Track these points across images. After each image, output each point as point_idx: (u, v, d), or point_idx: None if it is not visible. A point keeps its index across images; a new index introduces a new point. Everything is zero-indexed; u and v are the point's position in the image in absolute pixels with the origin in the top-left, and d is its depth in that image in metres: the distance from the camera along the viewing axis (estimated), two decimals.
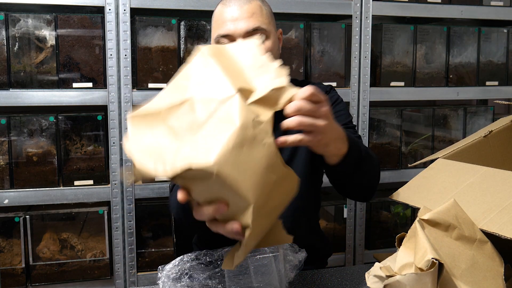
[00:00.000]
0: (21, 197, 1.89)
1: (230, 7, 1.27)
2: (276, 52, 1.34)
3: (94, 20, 1.91)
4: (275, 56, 1.33)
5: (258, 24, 1.26)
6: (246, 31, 1.25)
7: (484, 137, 1.24)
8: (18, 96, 1.85)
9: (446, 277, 0.81)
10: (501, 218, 0.87)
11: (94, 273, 2.03)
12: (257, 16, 1.26)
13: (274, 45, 1.31)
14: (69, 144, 1.96)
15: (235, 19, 1.25)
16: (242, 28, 1.25)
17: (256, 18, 1.26)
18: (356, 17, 2.16)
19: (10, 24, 1.84)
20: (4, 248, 1.95)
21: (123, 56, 1.91)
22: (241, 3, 1.27)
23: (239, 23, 1.25)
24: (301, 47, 2.14)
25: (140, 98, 1.96)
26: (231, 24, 1.25)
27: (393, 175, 2.32)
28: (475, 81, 2.41)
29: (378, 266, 0.83)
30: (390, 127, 2.34)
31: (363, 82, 2.20)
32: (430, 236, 0.84)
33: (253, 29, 1.25)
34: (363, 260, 2.31)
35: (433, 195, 1.02)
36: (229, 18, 1.26)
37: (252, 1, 1.28)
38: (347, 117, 1.39)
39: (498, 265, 0.87)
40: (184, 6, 1.95)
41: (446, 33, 2.34)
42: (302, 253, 1.06)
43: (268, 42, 1.29)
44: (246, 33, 1.25)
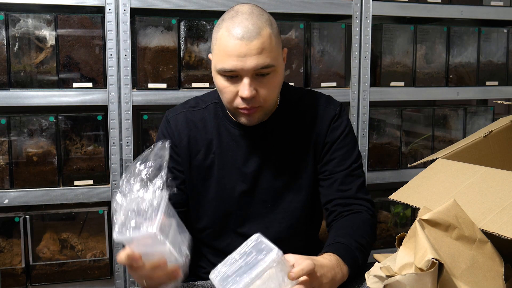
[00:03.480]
0: (21, 197, 1.89)
1: (237, 41, 1.14)
2: (282, 80, 1.27)
3: (94, 20, 1.91)
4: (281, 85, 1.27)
5: (268, 61, 1.16)
6: (255, 70, 1.16)
7: (484, 137, 1.24)
8: (18, 96, 1.85)
9: (446, 277, 0.81)
10: (501, 218, 0.87)
11: (94, 273, 2.03)
12: (266, 51, 1.16)
13: (280, 76, 1.23)
14: (69, 144, 1.96)
15: (243, 55, 1.14)
16: (250, 66, 1.15)
17: (266, 54, 1.16)
18: (356, 17, 2.16)
19: (10, 24, 1.84)
20: (4, 248, 1.95)
21: (123, 56, 1.91)
22: (250, 36, 1.14)
23: (247, 60, 1.14)
24: (301, 47, 2.14)
25: (140, 98, 1.96)
26: (238, 61, 1.15)
27: (393, 175, 2.32)
28: (475, 81, 2.41)
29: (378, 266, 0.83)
30: (390, 127, 2.34)
31: (363, 82, 2.20)
32: (430, 236, 0.84)
33: (261, 67, 1.16)
34: None
35: (433, 195, 1.02)
36: (236, 53, 1.15)
37: (262, 31, 1.16)
38: (353, 152, 1.35)
39: (498, 265, 0.87)
40: (184, 6, 1.95)
41: (446, 33, 2.34)
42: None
43: (274, 77, 1.20)
44: (255, 70, 1.16)
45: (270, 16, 1.23)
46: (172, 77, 2.00)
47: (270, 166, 1.34)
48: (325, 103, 1.38)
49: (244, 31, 1.15)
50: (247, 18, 1.17)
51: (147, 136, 2.06)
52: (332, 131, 1.34)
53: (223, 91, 1.22)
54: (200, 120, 1.36)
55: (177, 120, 1.36)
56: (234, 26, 1.16)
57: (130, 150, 1.96)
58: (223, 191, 1.35)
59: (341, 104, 1.39)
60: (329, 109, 1.36)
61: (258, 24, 1.16)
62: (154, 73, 1.98)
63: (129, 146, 1.96)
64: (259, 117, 1.25)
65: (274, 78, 1.20)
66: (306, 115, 1.36)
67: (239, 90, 1.18)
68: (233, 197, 1.35)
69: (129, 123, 1.95)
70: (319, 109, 1.36)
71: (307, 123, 1.35)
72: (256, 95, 1.19)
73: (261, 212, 1.36)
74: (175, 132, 1.35)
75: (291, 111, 1.36)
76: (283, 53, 1.27)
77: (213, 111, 1.36)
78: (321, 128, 1.34)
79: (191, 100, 1.42)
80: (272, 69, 1.18)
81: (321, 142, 1.34)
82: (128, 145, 1.96)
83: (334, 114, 1.36)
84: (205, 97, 1.41)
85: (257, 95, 1.19)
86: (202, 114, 1.36)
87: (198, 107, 1.38)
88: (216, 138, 1.34)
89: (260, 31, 1.16)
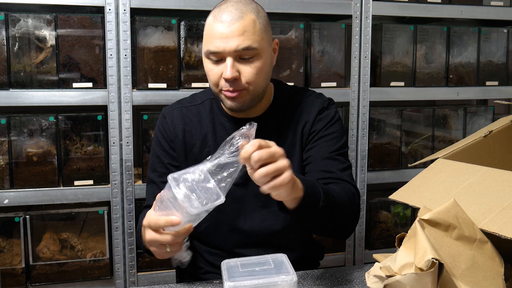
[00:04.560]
0: (21, 197, 1.89)
1: (220, 23, 1.21)
2: (269, 68, 1.29)
3: (94, 20, 1.91)
4: (269, 71, 1.30)
5: (249, 43, 1.21)
6: (236, 50, 1.20)
7: (484, 137, 1.24)
8: (18, 96, 1.85)
9: (446, 277, 0.81)
10: (501, 218, 0.87)
11: (94, 273, 2.03)
12: (248, 34, 1.20)
13: (265, 62, 1.26)
14: (69, 144, 1.96)
15: (225, 37, 1.20)
16: (231, 47, 1.20)
17: (248, 36, 1.20)
18: (356, 17, 2.16)
19: (10, 24, 1.84)
20: (4, 248, 1.95)
21: (123, 56, 1.91)
22: (232, 18, 1.21)
23: (228, 41, 1.20)
24: (301, 47, 2.14)
25: (140, 98, 1.96)
26: (221, 42, 1.20)
27: (393, 175, 2.32)
28: (475, 81, 2.41)
29: (378, 266, 0.83)
30: (390, 127, 2.34)
31: (363, 82, 2.20)
32: (430, 236, 0.84)
33: (243, 48, 1.20)
34: (363, 260, 2.31)
35: (433, 195, 1.02)
36: (218, 35, 1.21)
37: (246, 16, 1.22)
38: (339, 141, 1.36)
39: (498, 265, 0.87)
40: (184, 6, 1.95)
41: (446, 33, 2.34)
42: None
43: (258, 62, 1.24)
44: (236, 51, 1.21)
45: (259, 7, 1.28)
46: (172, 77, 2.00)
47: None
48: (314, 97, 1.41)
49: (227, 14, 1.22)
50: (233, 5, 1.24)
51: (147, 136, 2.06)
52: (318, 121, 1.37)
53: (209, 74, 1.27)
54: (195, 115, 1.40)
55: (172, 115, 1.41)
56: (220, 11, 1.23)
57: (130, 150, 1.96)
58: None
59: (330, 99, 1.43)
60: (317, 102, 1.40)
61: (243, 9, 1.23)
62: (154, 73, 1.98)
63: (129, 146, 1.96)
64: (244, 101, 1.27)
65: (257, 62, 1.24)
66: (296, 110, 1.39)
67: (223, 72, 1.23)
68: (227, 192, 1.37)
69: (129, 123, 1.95)
70: (308, 103, 1.40)
71: (297, 117, 1.38)
72: (239, 77, 1.23)
73: (256, 206, 1.38)
74: (170, 127, 1.39)
75: (283, 107, 1.40)
76: (273, 44, 1.31)
77: (208, 106, 1.41)
78: (307, 119, 1.37)
79: (187, 97, 1.47)
80: (254, 52, 1.22)
81: (307, 132, 1.37)
82: (128, 145, 1.96)
83: (321, 107, 1.39)
84: (201, 94, 1.47)
85: (240, 78, 1.23)
86: (197, 110, 1.41)
87: (194, 103, 1.42)
88: (211, 132, 1.38)
89: (243, 15, 1.21)
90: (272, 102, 1.39)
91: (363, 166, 2.25)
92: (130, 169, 1.97)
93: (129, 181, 1.97)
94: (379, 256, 1.05)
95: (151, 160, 1.44)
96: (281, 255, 1.06)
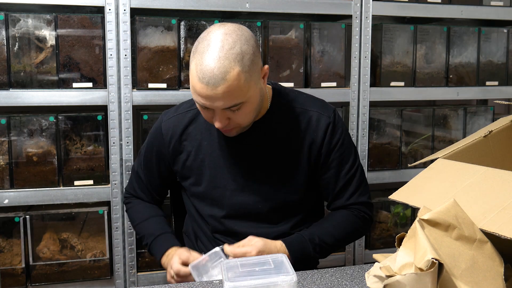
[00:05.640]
0: (21, 197, 1.89)
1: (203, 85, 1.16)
2: (258, 100, 1.28)
3: (94, 20, 1.91)
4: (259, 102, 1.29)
5: (235, 102, 1.19)
6: (222, 108, 1.21)
7: (484, 137, 1.24)
8: (18, 96, 1.85)
9: (446, 277, 0.81)
10: (501, 218, 0.87)
11: (94, 273, 2.03)
12: (234, 93, 1.17)
13: (254, 102, 1.25)
14: (69, 144, 1.96)
15: (209, 98, 1.18)
16: (217, 106, 1.20)
17: (233, 96, 1.17)
18: (356, 17, 2.16)
19: (10, 24, 1.84)
20: (4, 248, 1.95)
21: (123, 56, 1.91)
22: (215, 81, 1.15)
23: (214, 101, 1.18)
24: (301, 47, 2.14)
25: (140, 98, 1.96)
26: (206, 101, 1.19)
27: (393, 175, 2.32)
28: (475, 81, 2.41)
29: (378, 266, 0.83)
30: (390, 127, 2.34)
31: (363, 82, 2.20)
32: (430, 236, 0.84)
33: (229, 107, 1.20)
34: (363, 260, 2.31)
35: (433, 195, 1.02)
36: (203, 95, 1.18)
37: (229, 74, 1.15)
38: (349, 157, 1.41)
39: (498, 265, 0.87)
40: (184, 6, 1.95)
41: (446, 33, 2.34)
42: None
43: (247, 107, 1.23)
44: (222, 109, 1.21)
45: (244, 45, 1.19)
46: (172, 77, 2.00)
47: (261, 166, 1.37)
48: (319, 108, 1.40)
49: (209, 76, 1.16)
50: (215, 58, 1.16)
51: (147, 136, 2.06)
52: (328, 142, 1.38)
53: (201, 112, 1.29)
54: (191, 122, 1.42)
55: (168, 124, 1.44)
56: (202, 67, 1.16)
57: (130, 150, 1.96)
58: (215, 189, 1.38)
59: (334, 109, 1.42)
60: (323, 117, 1.38)
61: (225, 66, 1.15)
62: (154, 73, 1.98)
63: (129, 146, 1.96)
64: (237, 132, 1.32)
65: (245, 108, 1.23)
66: (299, 118, 1.38)
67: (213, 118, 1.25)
68: (224, 196, 1.37)
69: (129, 123, 1.95)
70: (313, 115, 1.39)
71: (300, 127, 1.38)
72: (230, 121, 1.25)
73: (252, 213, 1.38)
74: (165, 137, 1.43)
75: (282, 113, 1.39)
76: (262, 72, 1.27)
77: None
78: (315, 136, 1.37)
79: (185, 103, 1.48)
80: (240, 105, 1.21)
81: (315, 150, 1.38)
82: (128, 145, 1.96)
83: (328, 122, 1.38)
84: None
85: (231, 121, 1.25)
86: (194, 115, 1.42)
87: (192, 108, 1.43)
88: (207, 138, 1.39)
89: (225, 76, 1.15)
90: (270, 107, 1.39)
91: (363, 166, 2.24)
92: (130, 169, 1.97)
93: None
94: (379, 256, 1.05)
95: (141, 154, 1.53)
96: (281, 255, 1.06)
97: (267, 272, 0.98)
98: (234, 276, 0.97)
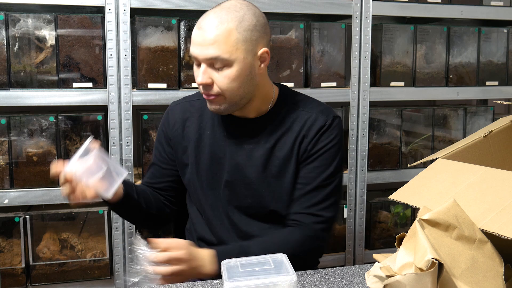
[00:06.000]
0: (21, 197, 1.89)
1: (198, 30, 1.26)
2: (246, 77, 1.28)
3: (94, 20, 1.91)
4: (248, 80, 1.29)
5: (218, 53, 1.23)
6: (206, 59, 1.25)
7: (484, 137, 1.24)
8: (18, 96, 1.85)
9: (446, 277, 0.81)
10: (501, 218, 0.87)
11: (94, 273, 2.03)
12: (219, 44, 1.23)
13: (241, 72, 1.26)
14: (69, 144, 1.96)
15: (199, 44, 1.25)
16: (203, 55, 1.25)
17: (218, 47, 1.23)
18: (356, 17, 2.16)
19: (10, 24, 1.84)
20: (4, 248, 1.95)
21: (123, 56, 1.91)
22: (208, 27, 1.24)
23: (202, 49, 1.25)
24: (301, 47, 2.14)
25: (140, 98, 1.96)
26: (195, 48, 1.26)
27: (393, 175, 2.32)
28: (475, 81, 2.41)
29: (378, 266, 0.83)
30: (390, 127, 2.34)
31: (363, 82, 2.20)
32: (430, 236, 0.84)
33: (211, 57, 1.24)
34: (363, 260, 2.31)
35: (433, 195, 1.02)
36: (195, 41, 1.27)
37: (222, 25, 1.23)
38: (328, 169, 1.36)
39: (498, 265, 0.87)
40: (184, 6, 1.95)
41: (446, 33, 2.34)
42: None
43: (229, 71, 1.25)
44: (206, 60, 1.25)
45: (247, 15, 1.26)
46: (172, 77, 2.00)
47: (256, 161, 1.37)
48: (319, 111, 1.39)
49: (205, 22, 1.26)
50: (216, 12, 1.26)
51: (147, 136, 2.06)
52: (316, 142, 1.36)
53: (195, 76, 1.32)
54: (197, 110, 1.44)
55: (175, 110, 1.47)
56: (203, 17, 1.28)
57: (130, 150, 1.96)
58: (212, 179, 1.41)
59: (335, 116, 1.39)
60: (320, 118, 1.37)
61: (222, 18, 1.24)
62: (154, 73, 1.98)
63: (129, 146, 1.96)
64: (220, 106, 1.31)
65: (228, 73, 1.26)
66: (298, 119, 1.38)
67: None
68: (219, 187, 1.40)
69: (129, 123, 1.95)
70: (311, 116, 1.38)
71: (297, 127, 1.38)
72: (211, 84, 1.27)
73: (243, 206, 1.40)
74: (171, 121, 1.46)
75: (285, 113, 1.39)
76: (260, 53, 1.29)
77: None
78: (306, 134, 1.37)
79: (195, 93, 1.51)
80: (224, 62, 1.25)
81: (303, 148, 1.37)
82: (128, 145, 1.96)
83: (323, 124, 1.36)
84: None
85: (212, 85, 1.28)
86: (200, 105, 1.44)
87: (200, 97, 1.45)
88: (210, 128, 1.41)
89: (219, 25, 1.23)
90: (273, 106, 1.39)
91: (363, 166, 2.25)
92: (130, 169, 1.97)
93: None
94: (379, 256, 1.05)
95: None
96: (281, 255, 1.06)
97: (267, 272, 0.98)
98: (234, 276, 0.97)
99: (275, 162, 1.37)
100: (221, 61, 1.24)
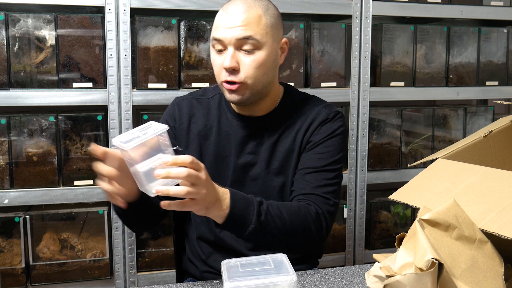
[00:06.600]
0: (21, 197, 1.89)
1: (226, 14, 1.26)
2: (271, 64, 1.30)
3: (94, 20, 1.91)
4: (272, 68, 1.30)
5: (251, 33, 1.24)
6: (237, 39, 1.24)
7: (484, 137, 1.24)
8: (18, 96, 1.85)
9: (446, 277, 0.81)
10: (501, 218, 0.87)
11: (94, 273, 2.03)
12: (251, 25, 1.24)
13: (268, 58, 1.27)
14: (69, 144, 1.96)
15: (228, 26, 1.25)
16: (233, 35, 1.24)
17: (250, 27, 1.24)
18: (356, 17, 2.16)
19: (10, 24, 1.84)
20: (4, 248, 1.95)
21: (123, 56, 1.91)
22: (238, 10, 1.25)
23: (231, 30, 1.24)
24: (301, 47, 2.14)
25: (140, 98, 1.96)
26: (224, 30, 1.25)
27: (393, 175, 2.32)
28: (475, 81, 2.41)
29: (378, 266, 0.83)
30: (390, 127, 2.34)
31: (363, 82, 2.20)
32: (430, 236, 0.84)
33: (244, 37, 1.24)
34: (363, 260, 2.31)
35: (433, 195, 1.02)
36: (223, 24, 1.26)
37: (252, 9, 1.26)
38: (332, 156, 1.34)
39: (498, 265, 0.87)
40: (184, 6, 1.95)
41: (446, 33, 2.34)
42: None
43: (259, 55, 1.26)
44: (237, 40, 1.24)
45: (270, 5, 1.32)
46: (172, 77, 2.00)
47: (260, 158, 1.37)
48: (322, 107, 1.40)
49: (234, 6, 1.27)
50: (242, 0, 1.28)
51: None
52: (317, 132, 1.36)
53: (213, 64, 1.30)
54: (204, 108, 1.43)
55: (182, 105, 1.44)
56: (229, 4, 1.29)
57: None
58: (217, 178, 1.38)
59: (337, 112, 1.40)
60: (323, 112, 1.38)
61: (250, 4, 1.27)
62: (154, 73, 1.98)
63: None
64: (243, 95, 1.28)
65: (258, 55, 1.26)
66: (302, 117, 1.39)
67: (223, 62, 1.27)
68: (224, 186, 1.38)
69: (129, 123, 1.95)
70: (314, 111, 1.39)
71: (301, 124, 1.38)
72: (238, 69, 1.26)
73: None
74: (177, 114, 1.43)
75: (290, 111, 1.40)
76: (281, 42, 1.34)
77: (217, 101, 1.43)
78: (308, 127, 1.37)
79: (200, 90, 1.50)
80: (255, 43, 1.25)
81: (305, 140, 1.37)
82: None
83: (325, 118, 1.37)
84: (212, 88, 1.49)
85: (239, 70, 1.26)
86: (207, 103, 1.44)
87: (205, 97, 1.45)
88: (216, 126, 1.40)
89: (249, 9, 1.25)
90: (279, 104, 1.39)
91: (363, 166, 2.25)
92: None
93: None
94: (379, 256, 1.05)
95: None
96: (281, 255, 1.06)
97: (267, 272, 0.98)
98: (234, 276, 0.97)
99: (278, 156, 1.37)
100: (252, 43, 1.24)
